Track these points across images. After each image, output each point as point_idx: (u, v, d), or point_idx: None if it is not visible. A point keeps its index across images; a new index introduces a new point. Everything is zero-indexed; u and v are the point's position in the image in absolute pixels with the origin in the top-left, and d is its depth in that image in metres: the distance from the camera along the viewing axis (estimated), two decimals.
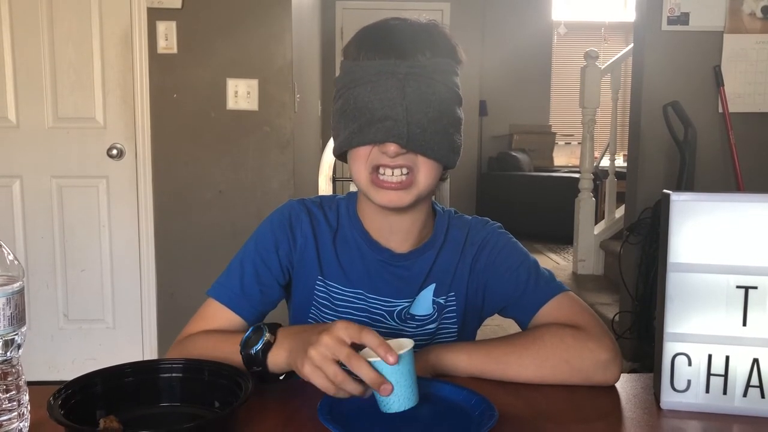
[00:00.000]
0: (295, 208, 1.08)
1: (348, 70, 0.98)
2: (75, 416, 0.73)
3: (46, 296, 2.93)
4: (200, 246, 2.91)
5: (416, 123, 0.93)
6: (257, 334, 0.88)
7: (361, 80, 0.95)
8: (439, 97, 0.95)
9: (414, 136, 0.93)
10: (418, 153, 0.96)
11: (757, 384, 0.85)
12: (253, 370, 0.87)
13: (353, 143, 0.97)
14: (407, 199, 0.98)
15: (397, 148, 0.94)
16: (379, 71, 0.94)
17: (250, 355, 0.87)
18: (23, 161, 2.87)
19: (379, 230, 1.06)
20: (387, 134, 0.93)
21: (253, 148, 2.89)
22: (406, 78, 0.93)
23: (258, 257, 1.05)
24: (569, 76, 7.26)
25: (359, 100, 0.95)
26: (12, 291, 0.70)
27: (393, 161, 0.95)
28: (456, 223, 1.11)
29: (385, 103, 0.93)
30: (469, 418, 0.80)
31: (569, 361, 0.93)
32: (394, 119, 0.93)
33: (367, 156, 0.97)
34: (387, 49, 0.95)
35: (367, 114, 0.94)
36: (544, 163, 7.19)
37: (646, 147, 3.11)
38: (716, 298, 0.85)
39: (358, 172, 0.99)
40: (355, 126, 0.96)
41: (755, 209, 0.83)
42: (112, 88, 2.85)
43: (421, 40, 0.97)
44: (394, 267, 1.06)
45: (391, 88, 0.93)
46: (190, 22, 2.82)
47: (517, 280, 1.05)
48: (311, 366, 0.78)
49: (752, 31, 2.97)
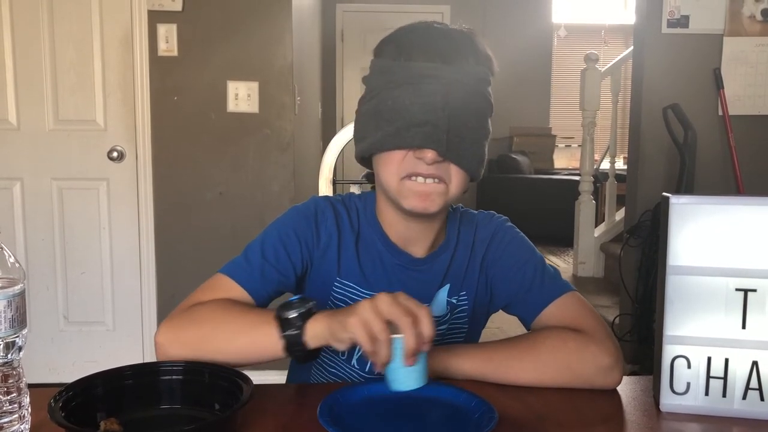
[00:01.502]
0: (321, 205, 1.05)
1: (385, 69, 0.95)
2: (76, 418, 0.74)
3: (46, 298, 2.93)
4: (200, 248, 2.91)
5: (455, 132, 0.91)
6: (302, 301, 0.86)
7: (401, 81, 0.92)
8: (478, 108, 0.94)
9: (452, 145, 0.91)
10: (454, 163, 0.94)
11: (756, 387, 0.85)
12: (288, 333, 0.84)
13: (387, 146, 0.94)
14: (436, 206, 0.95)
15: (434, 155, 0.91)
16: (422, 74, 0.91)
17: (287, 319, 0.84)
18: (24, 163, 2.87)
19: (399, 235, 1.04)
20: (426, 140, 0.91)
21: (253, 151, 2.90)
22: (451, 85, 0.91)
23: (280, 244, 1.01)
24: (569, 78, 7.26)
25: (398, 102, 0.92)
26: (13, 293, 0.70)
27: (427, 169, 0.93)
28: (465, 220, 1.10)
29: (427, 107, 0.91)
30: (469, 420, 0.80)
31: (571, 366, 0.93)
32: (435, 125, 0.91)
33: (400, 161, 0.94)
34: (431, 52, 0.92)
35: (406, 117, 0.92)
36: (545, 165, 7.19)
37: (646, 149, 3.11)
38: (716, 300, 0.85)
39: (389, 176, 0.96)
40: (392, 129, 0.93)
41: (755, 212, 0.84)
42: (113, 91, 2.86)
43: (465, 46, 0.95)
44: (412, 271, 1.05)
45: (434, 93, 0.91)
46: (190, 24, 2.83)
47: (523, 277, 1.04)
48: (359, 319, 0.77)
49: (752, 34, 2.98)
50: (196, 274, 2.84)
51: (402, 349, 0.76)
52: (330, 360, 1.06)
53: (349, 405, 0.82)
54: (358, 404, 0.83)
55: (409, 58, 0.93)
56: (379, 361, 0.78)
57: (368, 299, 0.79)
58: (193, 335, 0.91)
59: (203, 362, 0.87)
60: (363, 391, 0.86)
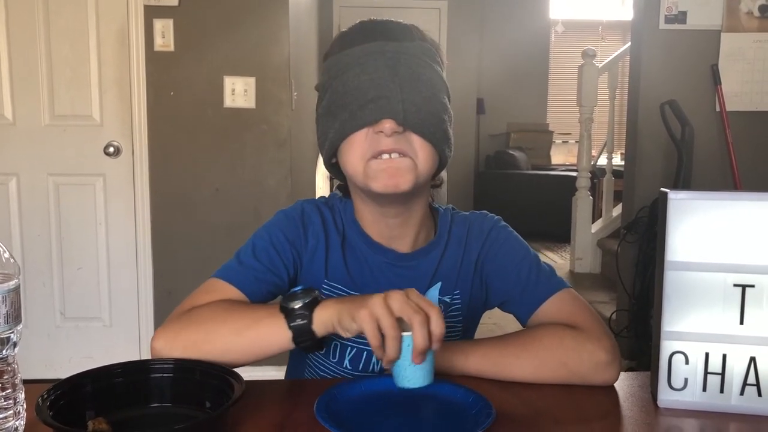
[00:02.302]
0: (308, 209, 1.06)
1: (331, 64, 0.96)
2: (64, 417, 0.72)
3: (42, 294, 2.93)
4: (197, 243, 2.90)
5: (410, 101, 0.91)
6: (306, 292, 0.85)
7: (347, 66, 0.93)
8: (429, 79, 0.94)
9: (409, 114, 0.91)
10: (415, 132, 0.93)
11: (753, 382, 0.85)
12: (296, 323, 0.83)
13: (347, 130, 0.94)
14: (407, 182, 0.93)
15: (393, 124, 0.91)
16: (366, 53, 0.92)
17: (293, 309, 0.84)
18: (19, 159, 2.86)
19: (380, 233, 1.04)
20: (381, 112, 0.91)
21: (250, 146, 2.89)
22: (397, 56, 0.91)
23: (272, 247, 1.01)
24: (567, 74, 7.25)
25: (348, 85, 0.92)
26: (8, 289, 0.70)
27: (389, 144, 0.92)
28: (457, 220, 1.10)
29: (377, 82, 0.91)
30: (467, 416, 0.80)
31: (567, 363, 0.93)
32: (388, 97, 0.91)
33: (362, 141, 0.94)
34: (373, 34, 0.93)
35: (358, 96, 0.92)
36: (542, 161, 7.19)
37: (644, 145, 3.12)
38: (713, 296, 0.85)
39: (354, 161, 0.95)
40: (346, 114, 0.93)
41: (752, 208, 0.83)
42: (109, 86, 2.85)
43: (407, 29, 0.96)
44: (399, 268, 1.05)
45: (381, 67, 0.91)
46: (187, 19, 2.82)
47: (518, 276, 1.04)
48: (369, 312, 0.77)
49: (749, 30, 2.98)
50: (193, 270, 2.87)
51: (411, 346, 0.76)
52: (321, 363, 1.06)
53: (346, 401, 0.82)
54: (355, 400, 0.83)
55: (351, 44, 0.94)
56: (387, 358, 0.77)
57: (380, 294, 0.78)
58: (195, 336, 0.89)
59: (194, 360, 0.86)
60: (360, 386, 0.86)
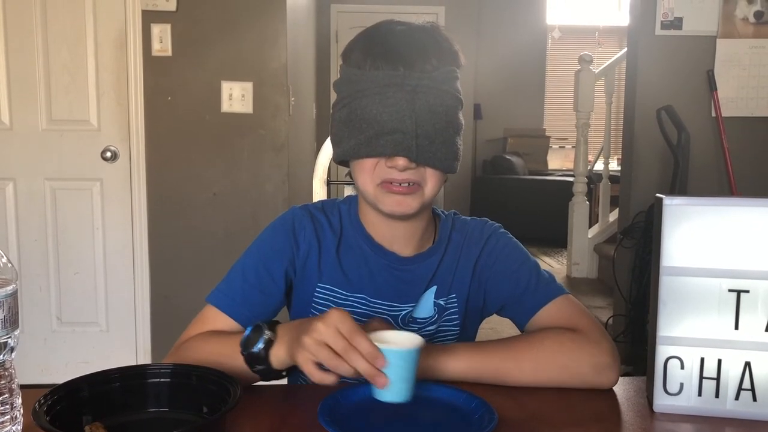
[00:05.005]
0: (298, 215, 1.07)
1: (353, 78, 0.97)
2: (61, 422, 0.72)
3: (39, 299, 2.92)
4: (194, 249, 2.90)
5: (424, 135, 0.94)
6: (257, 333, 0.87)
7: (367, 91, 0.94)
8: (445, 108, 0.95)
9: (422, 149, 0.94)
10: (427, 165, 0.96)
11: (749, 387, 0.85)
12: (257, 369, 0.87)
13: (360, 154, 0.97)
14: (414, 206, 0.98)
15: (406, 162, 0.94)
16: (387, 83, 0.93)
17: (252, 354, 0.86)
18: (17, 163, 2.86)
19: (383, 236, 1.06)
20: (396, 148, 0.93)
21: (247, 151, 2.89)
22: (415, 91, 0.93)
23: (261, 264, 1.04)
24: (563, 79, 7.27)
25: (366, 112, 0.94)
26: (5, 294, 0.70)
27: (401, 176, 0.96)
28: (458, 225, 1.11)
29: (394, 116, 0.93)
30: (469, 421, 0.80)
31: (568, 366, 0.93)
32: (403, 132, 0.93)
33: (373, 168, 0.97)
34: (394, 59, 0.94)
35: (375, 126, 0.94)
36: (539, 166, 7.20)
37: (640, 151, 3.13)
38: (709, 301, 0.85)
39: (365, 182, 0.99)
40: (362, 137, 0.95)
41: (748, 213, 0.84)
42: (106, 91, 2.85)
43: (427, 48, 0.96)
44: (398, 271, 1.06)
45: (400, 101, 0.93)
46: (184, 24, 2.82)
47: (517, 282, 1.05)
48: (305, 355, 0.78)
49: (745, 36, 2.99)
50: (190, 275, 2.87)
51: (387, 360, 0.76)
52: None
53: (349, 405, 0.82)
54: (358, 404, 0.83)
55: (373, 67, 0.95)
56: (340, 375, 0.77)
57: (315, 327, 0.78)
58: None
59: (191, 365, 0.86)
60: (363, 391, 0.86)
